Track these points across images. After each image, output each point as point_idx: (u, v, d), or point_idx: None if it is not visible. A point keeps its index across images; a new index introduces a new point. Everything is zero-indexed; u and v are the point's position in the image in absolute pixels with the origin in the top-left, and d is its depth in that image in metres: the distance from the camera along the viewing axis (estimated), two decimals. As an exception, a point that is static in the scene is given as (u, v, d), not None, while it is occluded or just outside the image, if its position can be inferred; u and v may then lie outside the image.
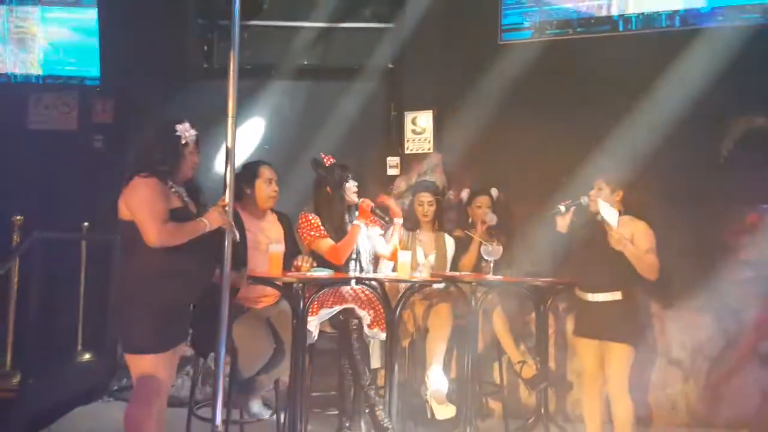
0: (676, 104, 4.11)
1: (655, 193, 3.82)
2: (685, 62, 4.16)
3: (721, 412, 4.12)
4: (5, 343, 3.51)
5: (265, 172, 3.38)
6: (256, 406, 3.24)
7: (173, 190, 2.63)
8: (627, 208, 3.20)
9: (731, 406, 4.11)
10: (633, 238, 3.12)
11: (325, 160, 3.56)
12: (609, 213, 3.08)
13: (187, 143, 2.65)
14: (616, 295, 3.11)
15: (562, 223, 3.26)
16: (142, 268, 2.54)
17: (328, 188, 3.51)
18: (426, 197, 3.95)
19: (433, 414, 3.34)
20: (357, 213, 3.49)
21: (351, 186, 3.53)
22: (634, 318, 3.19)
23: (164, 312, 2.53)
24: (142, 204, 2.50)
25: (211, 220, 2.61)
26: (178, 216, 2.56)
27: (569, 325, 4.17)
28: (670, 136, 4.12)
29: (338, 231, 3.45)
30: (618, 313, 3.09)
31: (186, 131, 2.65)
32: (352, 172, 3.56)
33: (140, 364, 2.53)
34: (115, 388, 4.38)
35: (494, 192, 4.11)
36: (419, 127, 4.66)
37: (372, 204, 3.50)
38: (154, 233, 2.47)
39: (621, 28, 4.43)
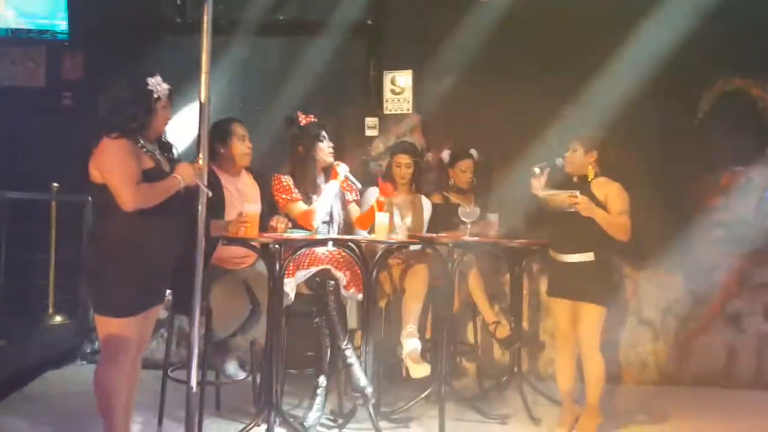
0: (654, 62, 4.11)
1: (629, 153, 3.83)
2: (664, 18, 4.13)
3: (689, 370, 4.24)
4: (-25, 306, 3.45)
5: (238, 129, 3.32)
6: (231, 368, 3.24)
7: (144, 149, 2.55)
8: (601, 168, 3.21)
9: (699, 363, 4.23)
10: (606, 199, 3.14)
11: (301, 118, 3.49)
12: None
13: (159, 97, 2.56)
14: (589, 256, 3.14)
15: (537, 185, 3.25)
16: (115, 232, 2.48)
17: (300, 147, 3.46)
18: (404, 159, 3.91)
19: (408, 373, 3.38)
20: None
21: (325, 146, 3.48)
22: (606, 279, 3.22)
23: (137, 276, 2.49)
24: (113, 167, 2.43)
25: (184, 176, 2.54)
26: (151, 176, 2.49)
27: (543, 286, 4.23)
28: (647, 96, 4.12)
29: (310, 193, 3.42)
30: (590, 273, 3.12)
31: (158, 85, 2.56)
32: (327, 132, 3.50)
33: (108, 325, 2.50)
34: (88, 351, 4.35)
35: (474, 153, 4.09)
36: (398, 87, 4.59)
37: (347, 168, 3.47)
38: (127, 197, 2.41)
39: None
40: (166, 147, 2.69)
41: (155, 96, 2.55)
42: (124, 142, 2.47)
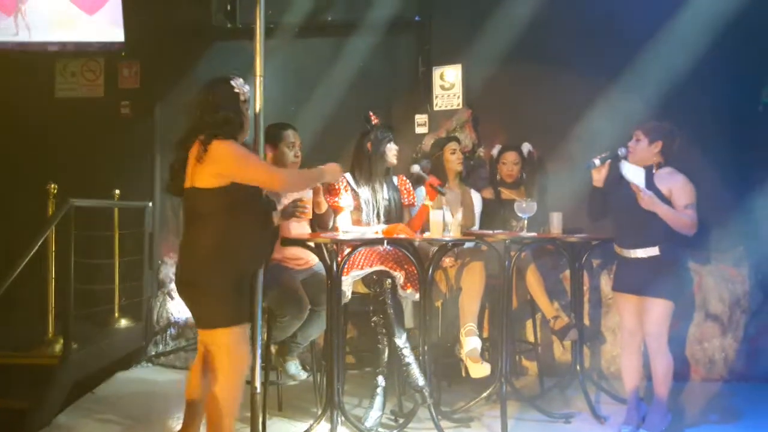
0: (715, 46, 3.93)
1: (693, 142, 3.67)
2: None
3: (759, 366, 4.06)
4: (47, 311, 3.56)
5: (288, 136, 3.33)
6: (293, 368, 3.28)
7: None
8: (665, 159, 3.09)
9: (770, 360, 4.05)
10: (670, 193, 3.02)
11: (373, 117, 3.53)
12: (634, 174, 3.00)
13: (245, 99, 2.53)
14: (654, 251, 3.04)
15: (598, 177, 3.16)
16: (220, 238, 2.38)
17: (369, 144, 3.47)
18: (453, 145, 3.93)
19: (467, 372, 3.34)
20: (394, 180, 3.53)
21: (392, 148, 3.52)
22: (672, 273, 3.09)
23: (242, 279, 2.48)
24: (240, 161, 2.36)
25: (333, 174, 2.68)
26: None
27: (603, 282, 4.13)
28: (707, 81, 3.95)
29: (371, 188, 3.44)
30: (656, 268, 3.02)
31: (243, 86, 2.53)
32: (394, 136, 3.55)
33: (229, 336, 2.39)
34: (153, 353, 4.46)
35: (525, 147, 4.02)
36: (448, 83, 4.54)
37: (438, 182, 3.47)
38: (276, 177, 2.46)
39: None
40: None
41: (242, 99, 2.52)
42: (234, 142, 2.42)
